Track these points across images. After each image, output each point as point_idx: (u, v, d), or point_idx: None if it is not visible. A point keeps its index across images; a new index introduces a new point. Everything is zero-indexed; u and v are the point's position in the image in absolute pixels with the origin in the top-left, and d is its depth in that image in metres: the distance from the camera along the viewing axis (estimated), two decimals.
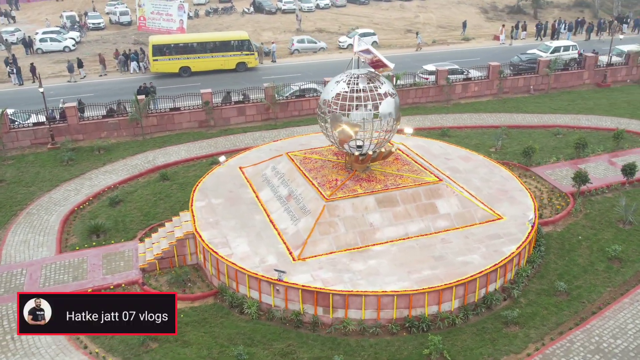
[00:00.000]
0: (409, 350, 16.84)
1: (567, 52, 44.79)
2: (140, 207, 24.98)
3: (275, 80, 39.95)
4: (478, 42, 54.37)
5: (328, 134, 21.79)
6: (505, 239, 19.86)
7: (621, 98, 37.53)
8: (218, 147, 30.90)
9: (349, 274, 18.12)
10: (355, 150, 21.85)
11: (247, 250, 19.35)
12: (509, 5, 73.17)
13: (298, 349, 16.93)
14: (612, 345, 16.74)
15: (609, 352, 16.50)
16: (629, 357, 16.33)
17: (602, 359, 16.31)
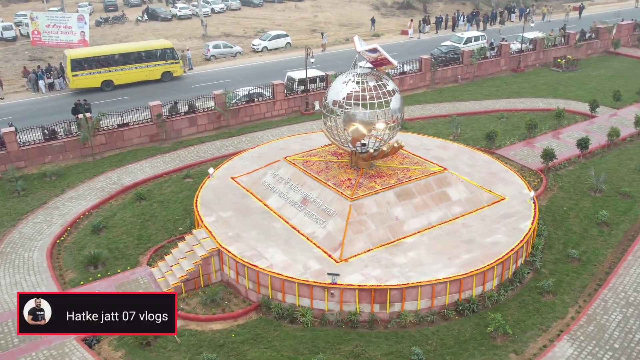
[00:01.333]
0: (469, 331, 17.58)
1: (478, 42, 48.19)
2: (128, 231, 23.44)
3: (205, 87, 39.23)
4: (388, 38, 56.65)
5: (333, 133, 21.92)
6: (517, 216, 21.28)
7: (538, 81, 41.20)
8: (182, 160, 29.66)
9: (396, 268, 18.48)
10: (360, 148, 22.18)
11: (284, 259, 19.00)
12: (397, 2, 76.80)
13: (366, 348, 17.02)
14: (639, 298, 18.66)
15: (638, 304, 18.38)
16: None
17: (635, 310, 18.13)
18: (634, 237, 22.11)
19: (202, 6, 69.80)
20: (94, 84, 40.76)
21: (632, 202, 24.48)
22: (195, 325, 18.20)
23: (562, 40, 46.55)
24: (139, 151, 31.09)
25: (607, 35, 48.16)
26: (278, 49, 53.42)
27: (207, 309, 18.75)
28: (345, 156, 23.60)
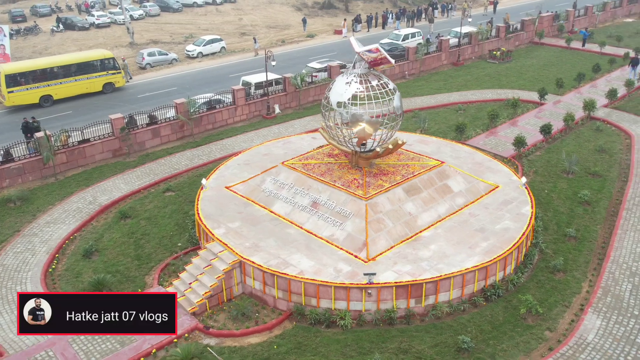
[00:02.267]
0: (501, 315, 18.31)
1: (414, 38, 49.81)
2: (123, 252, 22.27)
3: (152, 97, 38.06)
4: (322, 38, 57.13)
5: (332, 133, 22.00)
6: (515, 202, 22.37)
7: (480, 73, 43.25)
8: (157, 173, 28.47)
9: (423, 262, 18.87)
10: (361, 147, 22.38)
11: (312, 264, 18.85)
12: (317, 2, 77.58)
13: (411, 343, 17.28)
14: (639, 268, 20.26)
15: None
16: None
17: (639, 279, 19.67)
18: (615, 212, 23.87)
19: (120, 13, 67.15)
20: (32, 100, 38.13)
21: (602, 180, 26.39)
22: (232, 341, 17.66)
23: (492, 33, 49.09)
24: (104, 167, 29.50)
25: (531, 27, 51.35)
26: (214, 54, 52.34)
27: (239, 323, 18.23)
28: (341, 157, 23.70)
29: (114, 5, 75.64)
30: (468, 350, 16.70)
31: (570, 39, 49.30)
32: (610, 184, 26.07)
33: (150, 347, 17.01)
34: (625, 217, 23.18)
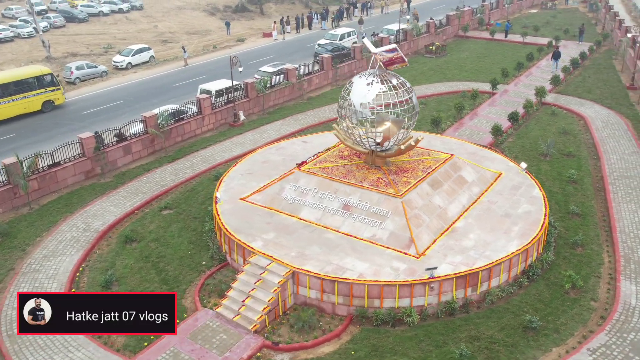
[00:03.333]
0: (547, 292, 19.44)
1: (350, 37, 50.80)
2: (145, 278, 21.03)
3: (99, 113, 36.31)
4: (253, 42, 56.48)
5: (349, 134, 22.17)
6: (523, 187, 23.75)
7: (423, 67, 44.99)
8: (145, 192, 27.03)
9: (470, 251, 19.59)
10: (376, 146, 22.71)
11: (366, 265, 18.92)
12: (229, 6, 76.56)
13: (478, 329, 17.90)
14: None
15: None
16: None
17: None
18: (600, 187, 26.04)
19: (23, 26, 62.40)
20: None
21: (577, 159, 28.63)
22: (305, 353, 17.34)
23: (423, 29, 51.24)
24: (82, 191, 27.50)
25: (456, 21, 54.11)
26: (143, 64, 50.05)
27: (305, 334, 17.91)
28: (354, 157, 23.87)
29: (8, 17, 69.98)
30: (535, 329, 17.58)
31: (494, 30, 52.58)
32: (585, 163, 28.32)
33: None
34: (612, 191, 25.33)
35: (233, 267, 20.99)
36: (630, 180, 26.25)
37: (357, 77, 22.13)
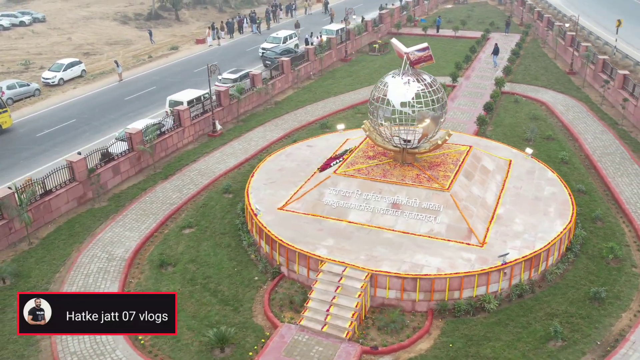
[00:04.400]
0: (593, 264, 21.00)
1: (292, 39, 50.87)
2: (201, 301, 20.10)
3: (55, 134, 34.09)
4: (188, 50, 54.60)
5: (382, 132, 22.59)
6: (537, 171, 25.39)
7: (373, 65, 46.05)
8: (156, 213, 25.54)
9: (524, 235, 20.71)
10: (404, 144, 23.26)
11: (439, 260, 19.41)
12: (139, 13, 73.47)
13: (551, 306, 19.03)
14: None
15: None
16: None
17: None
18: (589, 165, 28.37)
19: None
20: None
21: (558, 142, 30.97)
22: (406, 353, 17.54)
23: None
24: (81, 219, 25.54)
25: (389, 19, 55.86)
26: (75, 79, 46.76)
27: (396, 334, 18.07)
28: (381, 156, 24.21)
29: None
30: (602, 299, 19.00)
31: (427, 26, 54.90)
32: (566, 144, 30.69)
33: None
34: (603, 168, 27.70)
35: (292, 278, 20.59)
36: (613, 157, 28.85)
37: (390, 77, 22.46)
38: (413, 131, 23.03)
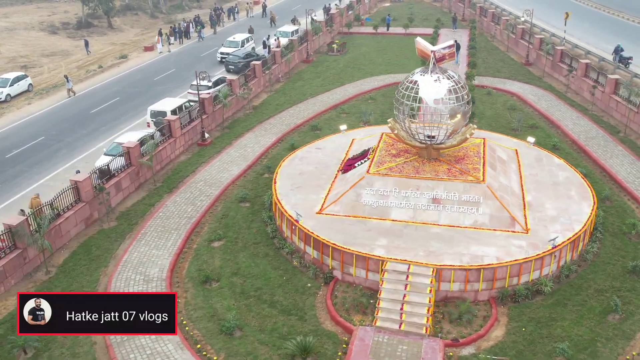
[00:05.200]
0: (618, 241, 22.51)
1: (249, 43, 50.30)
2: (261, 314, 19.69)
3: (24, 153, 32.31)
4: (139, 58, 52.33)
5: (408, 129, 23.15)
6: (544, 159, 26.78)
7: (337, 66, 46.25)
8: (175, 228, 24.55)
9: (560, 218, 21.85)
10: (429, 140, 23.86)
11: (494, 249, 20.10)
12: (66, 22, 69.69)
13: (597, 282, 20.29)
14: None
15: None
16: None
17: None
18: (580, 150, 30.25)
19: None
20: None
21: (542, 129, 32.77)
22: (485, 342, 18.11)
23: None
24: (94, 241, 24.18)
25: (339, 19, 56.42)
26: (22, 94, 43.73)
27: (470, 325, 18.54)
28: (405, 153, 24.63)
29: None
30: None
31: (377, 25, 55.98)
32: (549, 131, 32.53)
33: None
34: (593, 151, 29.66)
35: (347, 281, 20.58)
36: (597, 140, 30.95)
37: (419, 75, 22.88)
38: (437, 127, 23.58)
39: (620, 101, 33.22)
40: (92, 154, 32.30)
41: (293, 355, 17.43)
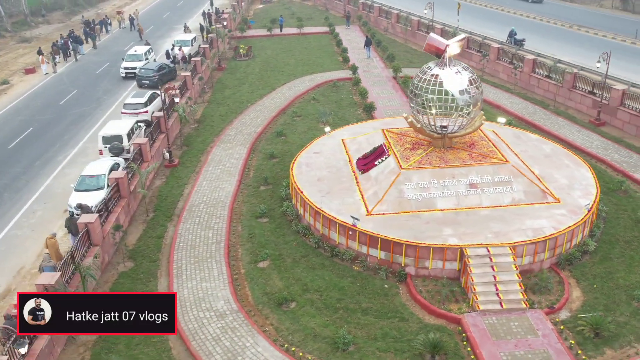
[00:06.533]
0: (611, 196, 25.86)
1: (151, 54, 47.49)
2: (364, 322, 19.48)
3: None
4: (24, 82, 45.73)
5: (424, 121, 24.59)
6: (521, 135, 29.46)
7: (252, 71, 45.02)
8: (211, 256, 23.05)
9: (574, 184, 24.38)
10: (441, 130, 25.21)
11: (545, 221, 21.93)
12: None
13: (623, 236, 23.25)
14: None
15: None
16: None
17: None
18: (531, 125, 33.72)
19: None
20: None
21: (487, 111, 35.64)
22: (573, 303, 19.87)
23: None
24: (121, 287, 21.77)
25: (232, 24, 55.23)
26: None
27: (548, 292, 20.17)
28: (421, 145, 25.62)
29: None
30: None
31: (271, 27, 55.84)
32: (493, 111, 35.62)
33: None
34: (542, 125, 33.25)
35: (422, 275, 21.11)
36: (538, 115, 34.80)
37: (438, 69, 23.91)
38: (448, 118, 24.95)
39: (542, 78, 37.54)
40: (45, 193, 28.60)
41: (422, 354, 17.59)
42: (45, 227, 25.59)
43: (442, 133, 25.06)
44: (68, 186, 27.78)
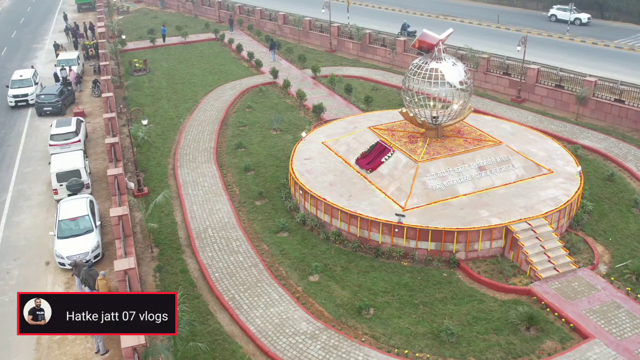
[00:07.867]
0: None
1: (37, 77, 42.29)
2: (438, 312, 20.26)
3: None
4: None
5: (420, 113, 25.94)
6: (491, 121, 32.05)
7: (164, 83, 42.59)
8: (257, 280, 21.91)
9: (552, 155, 27.33)
10: (434, 121, 26.67)
11: (554, 190, 24.36)
12: None
13: (607, 192, 26.77)
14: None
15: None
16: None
17: None
18: None
19: None
20: None
21: None
22: (602, 257, 22.50)
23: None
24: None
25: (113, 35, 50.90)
26: None
27: (579, 253, 22.56)
28: (416, 138, 26.71)
29: None
30: (613, 177, 27.72)
31: (154, 38, 52.59)
32: None
33: None
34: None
35: (471, 258, 22.26)
36: None
37: (435, 63, 25.03)
38: (448, 107, 26.43)
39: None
40: (6, 248, 24.51)
41: (518, 328, 18.75)
42: (34, 285, 22.02)
43: (437, 124, 26.31)
44: (27, 236, 24.18)
